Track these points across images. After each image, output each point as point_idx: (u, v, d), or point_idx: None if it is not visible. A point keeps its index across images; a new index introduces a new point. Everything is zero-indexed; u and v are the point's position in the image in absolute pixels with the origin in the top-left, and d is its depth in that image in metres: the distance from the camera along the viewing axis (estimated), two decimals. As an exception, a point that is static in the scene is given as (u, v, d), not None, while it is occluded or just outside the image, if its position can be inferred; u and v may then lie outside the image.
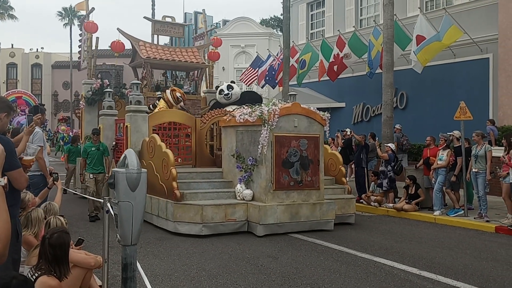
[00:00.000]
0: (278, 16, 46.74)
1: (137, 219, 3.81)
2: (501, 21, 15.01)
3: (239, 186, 9.22)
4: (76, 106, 47.45)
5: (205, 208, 8.47)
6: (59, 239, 3.98)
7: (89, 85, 14.05)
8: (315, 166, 9.23)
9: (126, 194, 3.75)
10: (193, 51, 14.57)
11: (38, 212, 4.91)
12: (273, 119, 8.72)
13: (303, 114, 9.21)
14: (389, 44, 14.06)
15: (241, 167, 9.34)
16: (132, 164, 3.78)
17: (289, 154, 8.94)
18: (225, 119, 10.00)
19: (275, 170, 8.80)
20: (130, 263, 3.86)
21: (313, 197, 9.20)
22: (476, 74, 16.19)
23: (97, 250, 5.63)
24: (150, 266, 6.43)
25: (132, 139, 10.58)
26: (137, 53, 13.76)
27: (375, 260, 6.95)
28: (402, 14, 18.00)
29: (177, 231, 8.58)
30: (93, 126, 13.02)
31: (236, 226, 8.77)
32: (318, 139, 9.34)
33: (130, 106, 10.84)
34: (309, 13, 24.48)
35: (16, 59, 48.76)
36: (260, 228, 8.50)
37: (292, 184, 8.97)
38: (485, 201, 10.01)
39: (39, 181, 6.51)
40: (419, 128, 16.94)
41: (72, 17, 49.13)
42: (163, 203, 9.16)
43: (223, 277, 6.03)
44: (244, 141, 9.39)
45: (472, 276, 6.24)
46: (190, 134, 11.50)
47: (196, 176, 9.87)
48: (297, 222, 8.87)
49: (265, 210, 8.54)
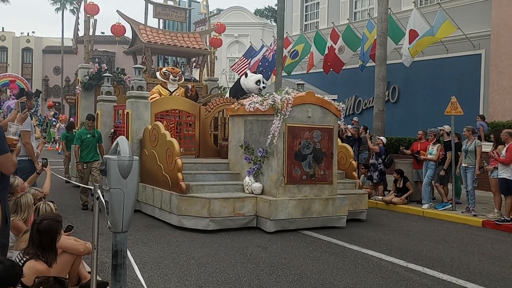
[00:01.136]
0: (272, 6, 46.50)
1: (128, 206, 3.81)
2: (494, 18, 15.08)
3: (247, 178, 8.73)
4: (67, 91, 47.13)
5: (212, 202, 7.99)
6: (47, 226, 3.98)
7: (86, 70, 13.52)
8: (328, 159, 8.76)
9: (117, 181, 3.74)
10: (195, 36, 14.01)
11: (28, 197, 4.90)
12: (286, 109, 8.21)
13: (317, 104, 8.70)
14: (382, 38, 14.07)
15: (249, 159, 8.86)
16: (124, 152, 3.77)
17: (302, 146, 8.44)
18: (233, 108, 9.48)
19: (287, 163, 8.30)
20: (120, 250, 3.87)
21: (325, 192, 8.75)
22: (468, 69, 16.29)
23: (87, 236, 5.62)
24: (139, 254, 6.44)
25: (133, 127, 10.06)
26: (137, 37, 13.14)
27: (363, 252, 7.01)
28: (397, 8, 18.01)
29: (182, 225, 8.12)
30: (90, 112, 12.47)
31: (244, 221, 8.30)
32: (332, 130, 8.86)
33: (131, 91, 10.26)
34: (304, 4, 24.40)
35: (7, 43, 48.15)
36: (271, 223, 8.07)
37: (304, 178, 8.49)
38: (473, 196, 10.13)
39: (27, 166, 6.49)
40: (410, 122, 17.05)
41: (65, 1, 48.58)
42: (166, 195, 8.66)
43: (212, 266, 6.06)
44: (253, 131, 8.90)
45: (459, 269, 6.32)
46: (193, 123, 11.04)
47: (202, 167, 9.43)
48: (308, 218, 8.43)
49: (276, 205, 8.09)
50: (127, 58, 39.03)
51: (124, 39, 48.48)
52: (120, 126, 11.37)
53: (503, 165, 9.12)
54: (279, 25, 17.76)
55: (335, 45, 18.56)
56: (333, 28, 19.00)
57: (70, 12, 49.31)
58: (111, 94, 12.23)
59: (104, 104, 12.17)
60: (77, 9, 15.17)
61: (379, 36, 14.18)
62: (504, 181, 9.14)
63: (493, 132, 10.04)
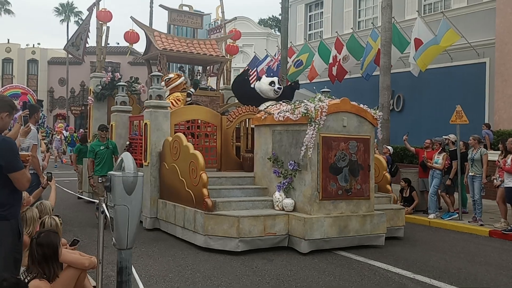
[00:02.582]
0: (276, 16, 46.77)
1: (133, 222, 3.81)
2: (498, 26, 15.06)
3: (277, 194, 8.03)
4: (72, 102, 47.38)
5: (242, 220, 7.34)
6: (46, 238, 4.00)
7: (99, 79, 12.89)
8: (365, 172, 8.08)
9: (122, 198, 3.74)
10: (211, 43, 13.46)
11: (33, 211, 4.91)
12: (321, 117, 7.55)
13: (353, 112, 8.05)
14: (386, 47, 14.09)
15: (279, 172, 8.19)
16: (129, 168, 3.77)
17: (337, 158, 7.76)
18: (260, 117, 8.83)
19: (322, 176, 7.61)
20: (125, 267, 3.86)
21: (362, 208, 8.05)
22: (473, 78, 16.25)
23: (92, 250, 5.61)
24: (144, 267, 6.42)
25: (152, 138, 9.36)
26: (151, 44, 12.63)
27: (369, 263, 6.97)
28: (400, 17, 18.04)
29: (208, 246, 7.47)
30: (103, 123, 11.80)
31: (275, 240, 7.62)
32: (369, 141, 8.18)
33: (149, 101, 9.55)
34: (308, 14, 24.50)
35: (12, 55, 48.52)
36: (305, 244, 7.39)
37: (340, 193, 7.80)
38: (480, 205, 10.06)
39: (32, 180, 6.42)
40: (415, 131, 16.96)
41: (69, 13, 49.03)
42: (190, 213, 7.98)
43: (218, 278, 6.03)
44: (282, 143, 8.25)
45: (466, 280, 6.27)
46: (213, 133, 10.31)
47: (226, 182, 8.77)
48: (345, 237, 7.75)
49: (311, 223, 7.40)
50: (132, 68, 39.32)
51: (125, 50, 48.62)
52: (136, 138, 10.87)
53: (509, 174, 9.06)
54: (283, 34, 17.82)
55: (339, 54, 18.59)
56: (337, 37, 19.03)
57: (75, 23, 49.74)
58: (126, 104, 11.68)
59: (119, 115, 11.56)
60: (88, 17, 14.41)
61: (383, 45, 14.20)
62: (510, 190, 9.08)
63: (501, 141, 9.99)
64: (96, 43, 13.19)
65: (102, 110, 12.92)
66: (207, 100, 12.51)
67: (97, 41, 13.09)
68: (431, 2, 18.64)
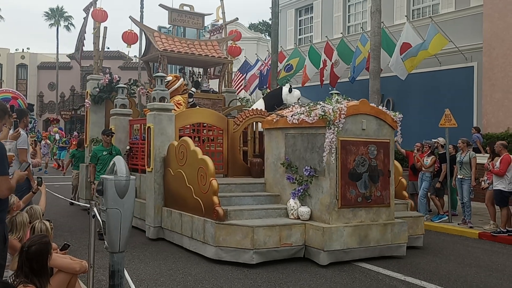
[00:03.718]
0: (266, 21, 46.93)
1: (125, 226, 3.82)
2: (485, 31, 15.26)
3: (292, 201, 7.58)
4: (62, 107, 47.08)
5: (256, 230, 6.83)
6: (36, 252, 3.93)
7: (96, 81, 12.22)
8: (385, 178, 7.68)
9: (114, 201, 3.75)
10: (213, 44, 12.97)
11: (23, 216, 4.88)
12: (339, 120, 7.14)
13: (372, 115, 7.68)
14: (376, 51, 14.20)
15: (293, 179, 7.75)
16: (121, 171, 3.78)
17: (356, 163, 7.36)
18: (271, 120, 8.37)
19: (341, 183, 7.18)
20: (117, 270, 3.86)
21: (382, 216, 7.61)
22: (461, 82, 16.44)
23: (82, 254, 5.60)
24: (135, 271, 6.40)
25: (155, 143, 8.85)
26: (151, 45, 12.09)
27: (360, 266, 7.00)
28: (389, 22, 18.21)
29: (220, 259, 6.96)
30: (100, 127, 11.67)
31: (291, 251, 7.15)
32: (389, 145, 7.84)
33: (153, 103, 9.07)
34: (298, 18, 24.63)
35: (1, 59, 48.23)
36: (324, 255, 6.90)
37: (360, 200, 7.38)
38: (469, 207, 10.17)
39: (22, 185, 6.41)
40: (405, 135, 16.98)
41: (59, 18, 48.82)
42: (199, 223, 7.47)
43: (209, 282, 6.04)
44: (297, 147, 7.81)
45: (456, 282, 6.32)
46: (219, 137, 9.90)
47: (236, 189, 8.31)
48: (365, 248, 7.30)
49: (330, 233, 6.94)
50: (123, 73, 39.17)
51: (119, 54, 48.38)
52: (137, 142, 10.42)
53: (498, 176, 9.17)
54: (274, 39, 17.91)
55: (329, 59, 18.70)
56: (327, 42, 19.16)
57: (64, 28, 49.55)
58: (126, 107, 11.19)
59: (119, 118, 11.05)
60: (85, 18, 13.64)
61: (373, 49, 14.30)
62: (499, 192, 9.18)
63: (489, 144, 10.12)
64: (93, 44, 12.73)
65: (100, 114, 12.31)
66: (209, 103, 12.13)
67: (94, 41, 12.65)
68: (420, 7, 18.84)
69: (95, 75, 12.54)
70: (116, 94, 11.61)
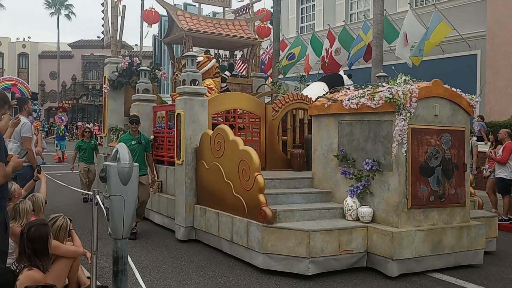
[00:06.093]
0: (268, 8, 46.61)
1: (129, 213, 3.84)
2: (489, 18, 15.17)
3: (350, 200, 6.46)
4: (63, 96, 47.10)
5: (313, 235, 5.80)
6: (36, 233, 4.00)
7: (115, 65, 11.11)
8: (460, 172, 6.54)
9: (117, 188, 3.76)
10: (241, 24, 11.84)
11: (26, 203, 4.92)
12: (411, 104, 6.03)
13: (446, 98, 6.61)
14: (378, 39, 14.11)
15: (349, 173, 6.66)
16: (124, 158, 3.79)
17: (428, 155, 6.25)
18: (321, 105, 7.19)
19: (411, 179, 6.09)
20: (121, 256, 3.89)
21: (457, 218, 6.49)
22: (464, 70, 16.38)
23: (85, 242, 5.62)
24: (138, 258, 6.44)
25: (186, 132, 7.70)
26: (174, 25, 11.03)
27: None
28: (392, 9, 18.11)
29: (269, 268, 5.95)
30: (119, 115, 10.86)
31: (352, 260, 6.08)
32: (464, 133, 6.66)
33: (183, 87, 7.86)
34: (300, 6, 24.51)
35: (2, 48, 48.22)
36: (393, 265, 5.82)
37: (432, 200, 6.28)
38: (471, 196, 10.18)
39: (26, 172, 6.48)
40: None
41: (59, 6, 48.66)
42: (241, 225, 6.43)
43: (211, 269, 6.07)
44: (354, 136, 6.68)
45: (457, 269, 6.30)
46: (254, 126, 8.86)
47: (280, 185, 7.20)
48: (439, 255, 6.20)
49: (400, 239, 5.85)
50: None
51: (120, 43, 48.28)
52: (163, 131, 9.28)
53: (500, 164, 9.17)
54: (275, 27, 17.80)
55: (331, 48, 18.65)
56: (329, 30, 19.07)
57: (65, 17, 49.40)
58: (149, 92, 9.92)
59: (141, 105, 9.78)
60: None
61: (375, 37, 14.21)
62: (501, 180, 9.19)
63: (492, 132, 10.11)
64: (111, 24, 11.75)
65: (119, 100, 11.23)
66: (238, 88, 11.10)
67: (113, 21, 11.68)
68: (423, -6, 18.73)
69: (114, 58, 11.46)
70: (136, 79, 10.53)
